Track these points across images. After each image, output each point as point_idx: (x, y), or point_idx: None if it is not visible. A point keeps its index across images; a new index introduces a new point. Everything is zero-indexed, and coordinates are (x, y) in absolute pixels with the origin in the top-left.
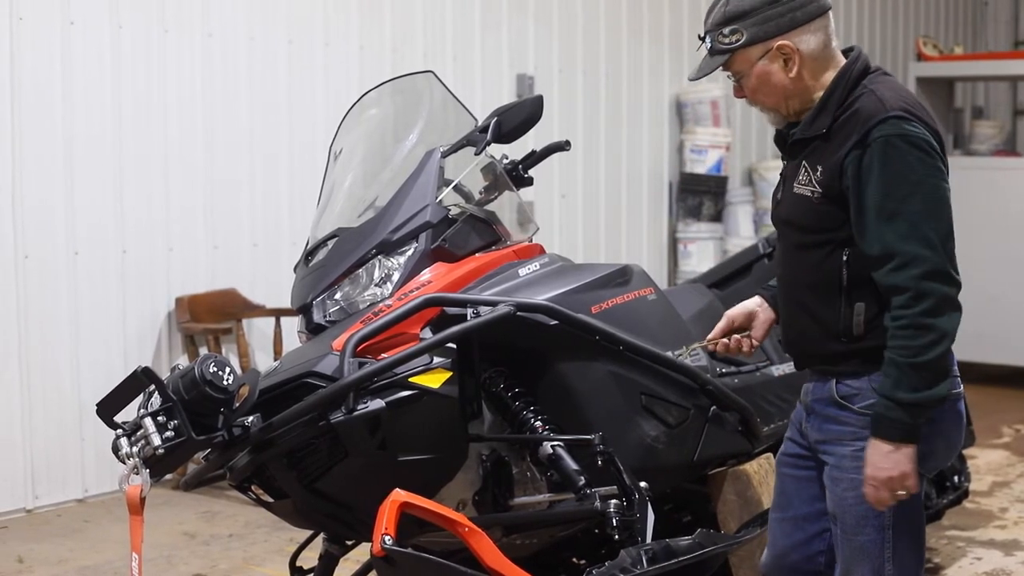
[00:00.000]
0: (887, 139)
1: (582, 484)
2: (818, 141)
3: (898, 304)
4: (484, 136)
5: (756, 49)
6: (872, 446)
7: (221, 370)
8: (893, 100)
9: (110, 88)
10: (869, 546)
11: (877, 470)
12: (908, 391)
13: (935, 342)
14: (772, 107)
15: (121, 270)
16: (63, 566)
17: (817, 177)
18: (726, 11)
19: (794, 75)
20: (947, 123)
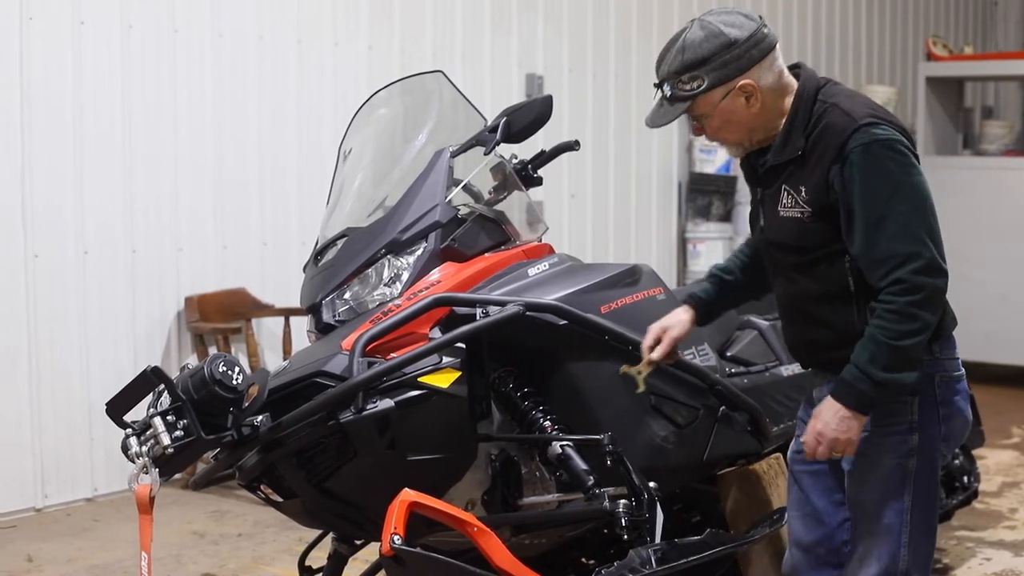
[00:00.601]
0: (863, 147)
1: (591, 484)
2: (794, 164)
3: (891, 292)
4: (493, 136)
5: (718, 91)
6: (829, 405)
7: (230, 369)
8: (858, 109)
9: (119, 88)
10: (888, 529)
11: (828, 428)
12: (880, 369)
13: (918, 331)
14: (735, 142)
15: (131, 269)
16: (72, 565)
17: (803, 198)
18: (683, 60)
19: (756, 110)
20: (957, 123)
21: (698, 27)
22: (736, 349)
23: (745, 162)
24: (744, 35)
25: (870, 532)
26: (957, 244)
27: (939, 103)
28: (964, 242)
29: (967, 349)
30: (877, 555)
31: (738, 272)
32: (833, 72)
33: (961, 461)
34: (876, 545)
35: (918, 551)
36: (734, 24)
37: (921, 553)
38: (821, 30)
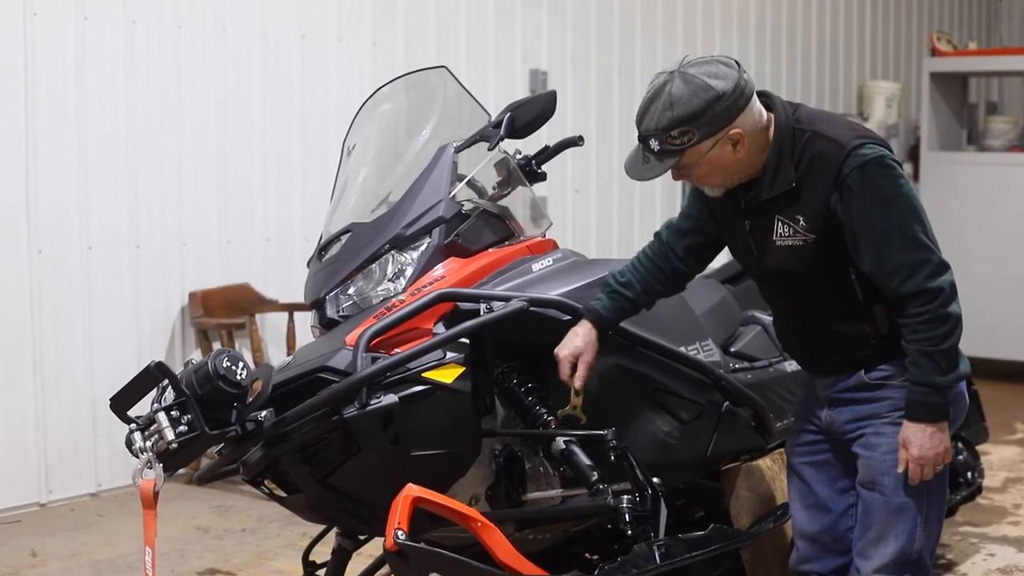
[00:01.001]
0: (858, 170)
1: (595, 479)
2: (787, 196)
3: (918, 303)
4: (497, 131)
5: (707, 143)
6: (914, 430)
7: (234, 365)
8: (842, 133)
9: (123, 83)
10: (907, 508)
11: (925, 450)
12: (942, 375)
13: (954, 327)
14: (719, 184)
15: (134, 265)
16: (76, 560)
17: (802, 226)
18: (673, 116)
19: (743, 155)
20: (961, 119)
21: (682, 81)
22: (740, 344)
23: (723, 197)
24: (729, 87)
25: (887, 514)
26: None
27: (943, 99)
28: (968, 238)
29: (971, 345)
30: (895, 535)
31: (638, 287)
32: (838, 68)
33: (965, 457)
34: (894, 525)
35: (931, 532)
36: (717, 75)
37: (933, 534)
38: (825, 26)
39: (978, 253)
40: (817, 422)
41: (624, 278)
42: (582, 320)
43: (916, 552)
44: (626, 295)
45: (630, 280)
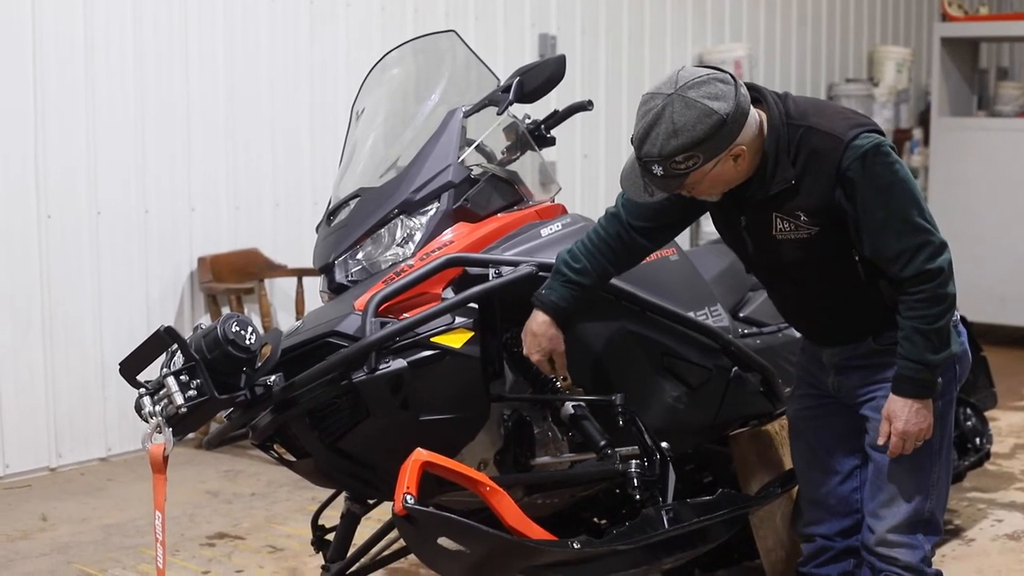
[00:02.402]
0: (857, 162)
1: (603, 444)
2: (786, 192)
3: (915, 283)
4: (506, 96)
5: (711, 162)
6: (901, 404)
7: (243, 329)
8: (836, 125)
9: (131, 49)
10: (919, 468)
11: (911, 425)
12: (934, 353)
13: (950, 307)
14: (718, 193)
15: (143, 230)
16: (86, 524)
17: (803, 221)
18: (678, 144)
19: (743, 167)
20: (972, 84)
21: (683, 106)
22: (749, 310)
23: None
24: (731, 108)
25: (900, 474)
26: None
27: (954, 64)
28: (978, 203)
29: (981, 311)
30: (908, 495)
31: (594, 275)
32: (848, 34)
33: (973, 423)
34: (907, 485)
35: (941, 492)
36: (717, 96)
37: (943, 493)
38: None
39: (988, 219)
40: (822, 386)
41: (579, 264)
42: (537, 313)
43: (928, 511)
44: (582, 283)
45: (585, 267)
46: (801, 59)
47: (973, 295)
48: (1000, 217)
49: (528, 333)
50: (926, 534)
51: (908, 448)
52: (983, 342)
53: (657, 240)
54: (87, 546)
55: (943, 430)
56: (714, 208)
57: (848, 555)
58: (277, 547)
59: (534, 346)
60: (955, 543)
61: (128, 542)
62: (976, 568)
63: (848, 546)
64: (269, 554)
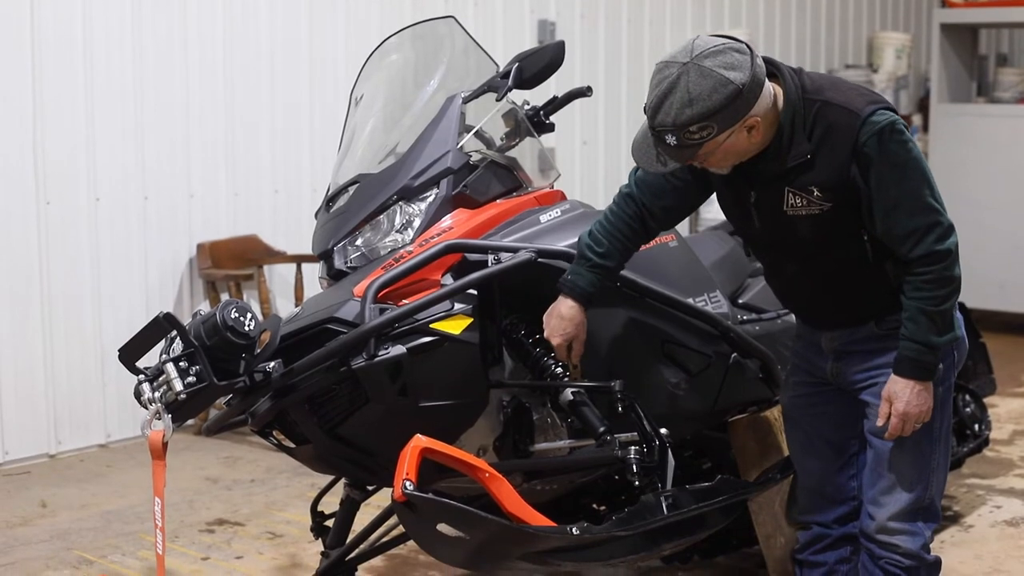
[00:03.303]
0: (874, 138)
1: (602, 430)
2: (801, 167)
3: (924, 263)
4: (505, 82)
5: (725, 133)
6: (902, 385)
7: (243, 316)
8: (854, 101)
9: (130, 34)
10: (919, 455)
11: (911, 407)
12: (938, 335)
13: (955, 290)
14: (730, 165)
15: (143, 216)
16: (86, 511)
17: (816, 196)
18: (693, 113)
19: (757, 139)
20: (971, 70)
21: (698, 75)
22: (748, 296)
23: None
24: (747, 78)
25: (901, 461)
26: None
27: (953, 50)
28: (978, 190)
29: (980, 297)
30: (909, 482)
31: (619, 257)
32: (847, 19)
33: (973, 409)
34: (907, 473)
35: (940, 478)
36: (733, 66)
37: (941, 480)
38: None
39: (987, 205)
40: (819, 373)
41: (602, 248)
42: (564, 298)
43: (928, 498)
44: (608, 266)
45: (609, 249)
46: (800, 45)
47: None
48: (999, 203)
49: (554, 316)
50: (926, 521)
51: (908, 430)
52: (982, 328)
53: (669, 219)
54: (87, 532)
55: (942, 416)
56: (722, 184)
57: (845, 542)
58: (276, 533)
59: (558, 330)
60: (953, 529)
61: (128, 528)
62: (975, 554)
63: (844, 533)
64: (268, 540)
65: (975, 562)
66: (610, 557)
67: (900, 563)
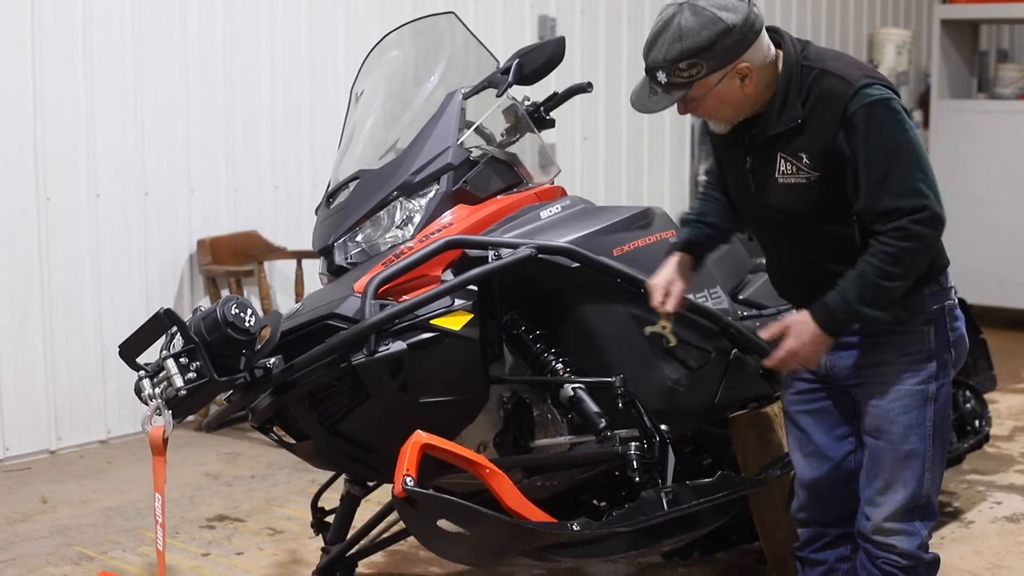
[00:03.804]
0: (865, 109)
1: (603, 426)
2: (791, 132)
3: (891, 236)
4: (506, 78)
5: (715, 76)
6: (807, 324)
7: (243, 311)
8: (850, 72)
9: (130, 30)
10: (914, 454)
11: (803, 346)
12: (865, 305)
13: (904, 275)
14: (726, 120)
15: (143, 212)
16: (86, 507)
17: (805, 163)
18: (681, 48)
19: (750, 90)
20: (971, 66)
21: (690, 13)
22: (748, 292)
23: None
24: (739, 19)
25: (895, 461)
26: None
27: (954, 46)
28: (978, 186)
29: (981, 293)
30: (903, 482)
31: (715, 216)
32: (848, 15)
33: (973, 405)
34: (902, 471)
35: (936, 476)
36: (727, 7)
37: (937, 478)
38: None
39: (988, 201)
40: (815, 368)
41: (697, 208)
42: (671, 255)
43: (924, 497)
44: (707, 221)
45: (703, 210)
46: None
47: (973, 277)
48: (1000, 199)
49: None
50: (923, 519)
51: (789, 364)
52: (983, 324)
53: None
54: (87, 528)
55: (936, 415)
56: (724, 150)
57: (844, 540)
58: (277, 529)
59: (659, 273)
60: (954, 525)
61: (128, 524)
62: (975, 550)
63: (844, 532)
64: (269, 536)
65: (976, 558)
66: (610, 553)
67: (897, 563)
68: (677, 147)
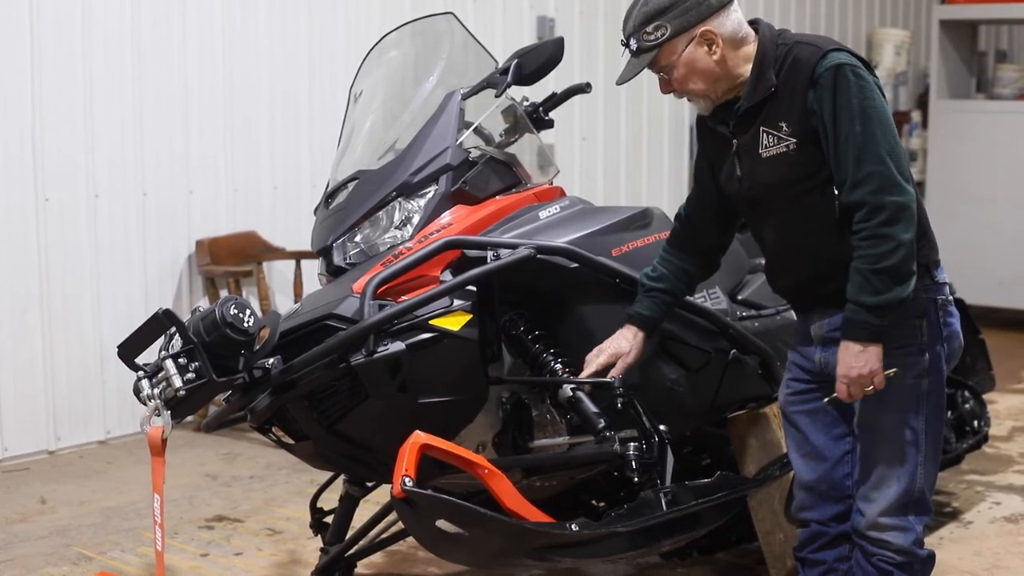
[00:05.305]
0: (832, 70)
1: (602, 427)
2: (769, 102)
3: (859, 218)
4: (504, 78)
5: (680, 40)
6: (844, 348)
7: (242, 312)
8: (822, 42)
9: (129, 31)
10: (906, 449)
11: (850, 369)
12: (871, 295)
13: (893, 250)
14: (701, 93)
15: (142, 213)
16: (85, 507)
17: (785, 132)
18: (646, 11)
19: (718, 58)
20: (970, 66)
21: None
22: (747, 292)
23: (706, 123)
24: None
25: (888, 455)
26: (970, 188)
27: (953, 46)
28: (977, 186)
29: (980, 294)
30: (896, 476)
31: (672, 278)
32: (847, 15)
33: (972, 405)
34: (894, 467)
35: (929, 471)
36: None
37: (931, 472)
38: None
39: (987, 201)
40: (810, 366)
41: (655, 273)
42: (627, 325)
43: (918, 491)
44: (662, 289)
45: (661, 274)
46: None
47: (971, 278)
48: (999, 199)
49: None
50: (917, 514)
51: (856, 394)
52: (981, 325)
53: (719, 229)
54: (86, 529)
55: (926, 408)
56: (712, 144)
57: (843, 540)
58: (276, 530)
59: (610, 344)
60: (953, 525)
61: (127, 525)
62: (974, 550)
63: (842, 531)
64: (268, 537)
65: (974, 558)
66: (609, 553)
67: (892, 559)
68: (676, 147)
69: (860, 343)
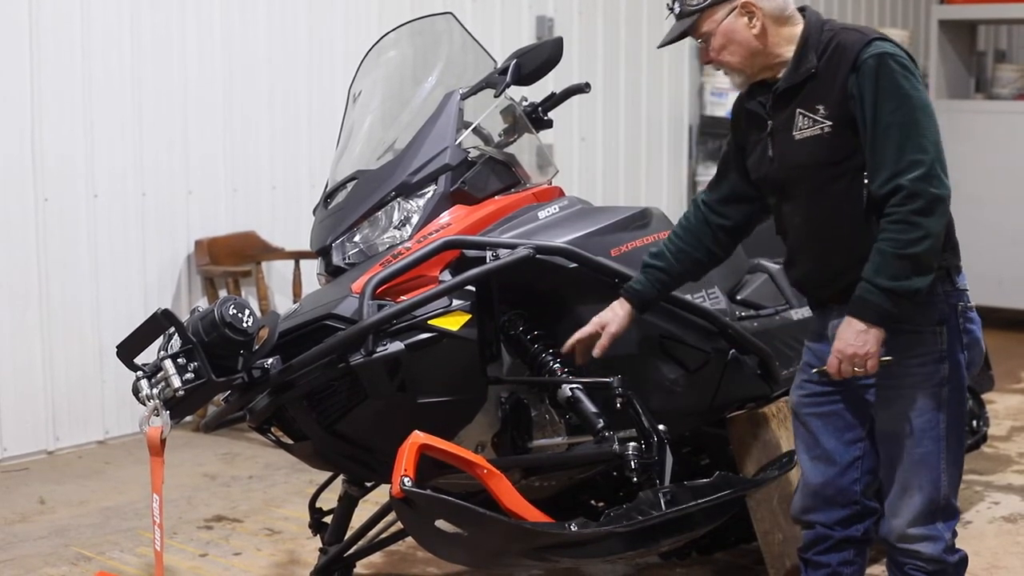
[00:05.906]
0: (875, 58)
1: (601, 427)
2: (808, 84)
3: (893, 203)
4: (503, 78)
5: (722, 8)
6: (847, 323)
7: (241, 312)
8: (868, 31)
9: (128, 31)
10: (928, 457)
11: (847, 345)
12: (888, 279)
13: (921, 239)
14: (737, 66)
15: (141, 213)
16: (84, 507)
17: (822, 114)
18: None
19: (758, 31)
20: (969, 67)
21: None
22: (746, 292)
23: (743, 104)
24: None
25: (910, 463)
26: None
27: (952, 46)
28: (976, 186)
29: (979, 294)
30: (919, 485)
31: (673, 261)
32: (846, 14)
33: (971, 405)
34: (917, 475)
35: (953, 477)
36: None
37: (955, 478)
38: None
39: (986, 201)
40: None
41: (656, 251)
42: (619, 299)
43: (943, 498)
44: (658, 267)
45: (661, 252)
46: None
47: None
48: (998, 199)
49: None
50: (945, 520)
51: (845, 371)
52: None
53: (736, 222)
54: (85, 529)
55: (947, 416)
56: (747, 125)
57: (848, 544)
58: (275, 530)
59: (599, 317)
60: None
61: (126, 525)
62: (973, 550)
63: (846, 536)
64: (267, 537)
65: (973, 558)
66: (608, 553)
67: (924, 568)
68: (675, 148)
69: (864, 322)
